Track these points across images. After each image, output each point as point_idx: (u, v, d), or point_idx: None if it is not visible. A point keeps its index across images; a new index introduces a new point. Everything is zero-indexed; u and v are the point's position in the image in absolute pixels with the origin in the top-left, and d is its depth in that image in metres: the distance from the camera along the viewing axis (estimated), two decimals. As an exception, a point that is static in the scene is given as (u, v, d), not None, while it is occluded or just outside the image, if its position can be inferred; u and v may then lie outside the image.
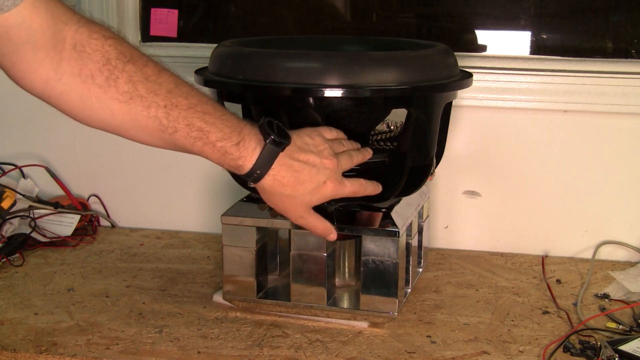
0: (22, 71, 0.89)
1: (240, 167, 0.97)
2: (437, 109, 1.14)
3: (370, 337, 1.11)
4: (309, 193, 1.01)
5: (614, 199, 1.45)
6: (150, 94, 0.92)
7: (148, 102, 0.92)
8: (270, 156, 0.97)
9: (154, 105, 0.92)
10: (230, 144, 0.95)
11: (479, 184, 1.49)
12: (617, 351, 1.02)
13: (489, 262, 1.42)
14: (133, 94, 0.91)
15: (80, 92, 0.90)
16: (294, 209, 1.02)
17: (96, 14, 1.55)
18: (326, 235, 1.07)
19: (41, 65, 0.88)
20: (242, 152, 0.96)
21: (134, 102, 0.91)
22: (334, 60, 1.06)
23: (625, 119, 1.42)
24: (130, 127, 0.93)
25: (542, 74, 1.43)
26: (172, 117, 0.93)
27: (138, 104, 0.91)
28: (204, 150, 0.95)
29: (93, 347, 1.07)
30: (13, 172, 1.61)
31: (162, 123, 0.93)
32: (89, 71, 0.90)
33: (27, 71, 0.89)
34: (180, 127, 0.93)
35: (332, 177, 1.02)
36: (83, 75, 0.90)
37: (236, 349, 1.07)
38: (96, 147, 1.62)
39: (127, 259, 1.43)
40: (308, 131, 1.03)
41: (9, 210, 1.42)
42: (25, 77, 0.89)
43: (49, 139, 1.64)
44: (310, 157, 1.00)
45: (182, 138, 0.94)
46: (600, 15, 1.53)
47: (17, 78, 0.90)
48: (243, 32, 1.70)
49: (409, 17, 1.65)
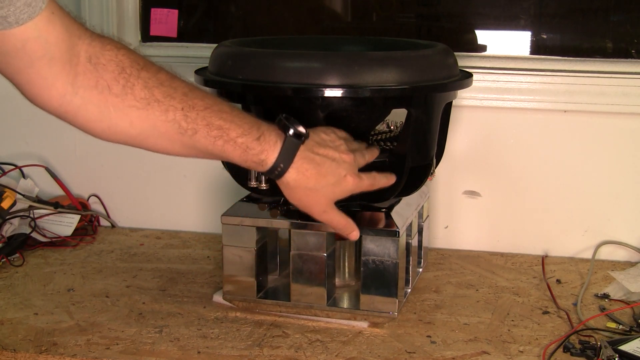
0: (38, 87, 0.89)
1: (263, 161, 0.97)
2: (437, 109, 1.14)
3: (370, 337, 1.11)
4: (331, 186, 1.01)
5: (614, 199, 1.45)
6: (166, 98, 0.92)
7: (165, 106, 0.92)
8: (292, 149, 0.98)
9: (172, 109, 0.92)
10: (251, 139, 0.96)
11: (479, 184, 1.49)
12: (617, 351, 1.02)
13: (489, 262, 1.42)
14: (150, 100, 0.91)
15: (97, 103, 0.91)
16: (318, 203, 1.02)
17: (96, 14, 1.55)
18: (348, 232, 1.07)
19: (58, 79, 0.89)
20: (263, 146, 0.96)
21: (151, 108, 0.92)
22: (334, 60, 1.06)
23: (625, 119, 1.42)
24: (150, 134, 0.93)
25: (542, 74, 1.43)
26: (191, 118, 0.93)
27: (156, 109, 0.92)
28: (225, 148, 0.95)
29: (93, 347, 1.07)
30: (13, 172, 1.61)
31: (182, 126, 0.93)
32: (105, 82, 0.90)
33: (43, 86, 0.89)
34: (200, 128, 0.93)
35: (350, 171, 1.03)
36: (99, 87, 0.90)
37: (236, 349, 1.07)
38: (96, 147, 1.61)
39: (127, 259, 1.43)
40: (322, 128, 1.04)
41: (9, 210, 1.42)
42: (41, 93, 0.89)
43: (49, 139, 1.64)
44: (329, 151, 1.01)
45: (202, 139, 0.94)
46: (600, 15, 1.53)
47: (33, 95, 0.90)
48: (243, 32, 1.70)
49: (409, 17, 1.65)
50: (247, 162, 0.97)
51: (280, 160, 0.97)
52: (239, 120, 0.95)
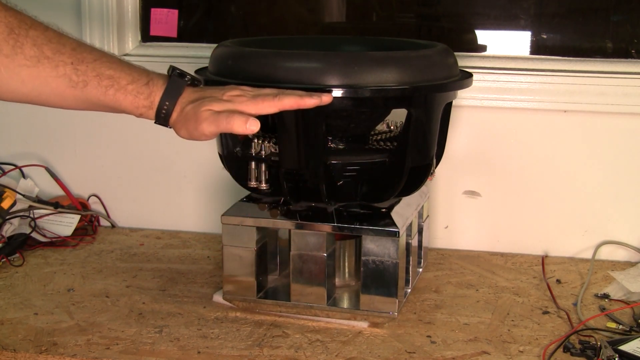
0: None
1: (152, 103, 0.99)
2: (437, 109, 1.14)
3: (370, 337, 1.11)
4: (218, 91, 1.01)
5: (614, 199, 1.45)
6: (56, 54, 0.94)
7: (55, 62, 0.94)
8: (176, 87, 1.00)
9: (61, 64, 0.95)
10: (140, 85, 0.98)
11: (479, 184, 1.49)
12: (617, 351, 1.02)
13: (489, 262, 1.42)
14: (40, 57, 0.93)
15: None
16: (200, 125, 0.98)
17: (96, 14, 1.55)
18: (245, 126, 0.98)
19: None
20: (151, 88, 0.99)
21: (41, 65, 0.94)
22: (334, 60, 1.06)
23: (625, 119, 1.42)
24: (42, 91, 0.95)
25: (542, 74, 1.43)
26: (81, 71, 0.95)
27: (46, 66, 0.94)
28: (117, 97, 0.97)
29: (93, 347, 1.07)
30: (13, 172, 1.61)
31: (72, 79, 0.95)
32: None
33: None
34: (90, 79, 0.96)
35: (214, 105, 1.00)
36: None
37: (236, 349, 1.07)
38: (96, 147, 1.62)
39: (127, 259, 1.43)
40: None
41: (9, 210, 1.42)
42: None
43: (49, 139, 1.64)
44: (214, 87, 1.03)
45: (93, 90, 0.96)
46: (600, 15, 1.53)
47: None
48: (243, 32, 1.70)
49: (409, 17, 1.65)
50: (138, 108, 0.99)
51: (166, 98, 0.99)
52: (128, 69, 0.98)
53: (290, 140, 1.08)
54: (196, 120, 0.97)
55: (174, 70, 1.01)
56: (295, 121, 1.07)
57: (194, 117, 0.98)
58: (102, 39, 1.56)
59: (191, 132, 0.99)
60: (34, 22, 0.95)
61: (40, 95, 0.96)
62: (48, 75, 0.94)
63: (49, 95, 0.96)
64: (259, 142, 1.15)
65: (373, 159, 1.14)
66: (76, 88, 0.96)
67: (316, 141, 1.08)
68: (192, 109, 0.98)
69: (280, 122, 1.08)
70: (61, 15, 1.57)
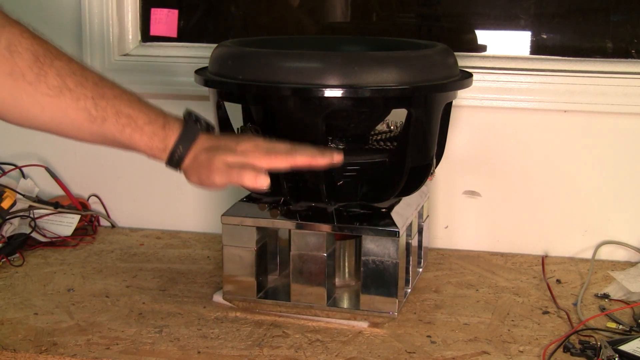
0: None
1: (167, 146, 0.99)
2: (437, 109, 1.14)
3: (370, 337, 1.11)
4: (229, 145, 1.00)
5: (614, 199, 1.45)
6: (78, 86, 0.95)
7: (77, 95, 0.94)
8: (191, 133, 1.00)
9: (83, 97, 0.95)
10: (157, 127, 0.99)
11: (479, 184, 1.49)
12: (617, 351, 1.02)
13: (489, 262, 1.42)
14: (62, 88, 0.94)
15: (11, 90, 0.92)
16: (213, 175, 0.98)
17: (96, 14, 1.55)
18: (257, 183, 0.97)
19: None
20: (167, 132, 0.99)
21: (63, 96, 0.94)
22: (334, 60, 1.06)
23: (625, 119, 1.42)
24: (61, 122, 0.96)
25: (542, 74, 1.43)
26: (101, 106, 0.96)
27: (67, 97, 0.94)
28: (133, 136, 0.98)
29: (93, 347, 1.07)
30: (13, 172, 1.61)
31: (91, 114, 0.95)
32: (20, 69, 0.92)
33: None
34: (109, 116, 0.96)
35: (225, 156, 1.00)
36: (15, 74, 0.91)
37: (236, 349, 1.07)
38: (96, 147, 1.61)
39: (127, 259, 1.43)
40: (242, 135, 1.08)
41: (9, 210, 1.42)
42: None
43: (49, 139, 1.61)
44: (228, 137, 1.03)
45: (111, 126, 0.96)
46: (600, 15, 1.53)
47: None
48: (243, 32, 1.70)
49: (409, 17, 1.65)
50: (152, 149, 0.99)
51: (179, 143, 0.99)
52: (145, 109, 0.99)
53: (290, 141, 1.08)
54: (209, 170, 0.98)
55: (190, 115, 1.02)
56: (295, 121, 1.07)
57: (207, 166, 0.98)
58: (102, 39, 1.56)
59: (203, 180, 1.00)
60: (59, 52, 0.95)
61: (59, 126, 0.96)
62: (68, 107, 0.94)
63: (67, 126, 0.96)
64: (259, 142, 1.15)
65: (373, 159, 1.14)
66: (94, 123, 0.96)
67: (316, 141, 1.08)
68: (206, 158, 0.99)
69: (280, 122, 1.08)
70: (61, 16, 1.57)
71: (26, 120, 0.96)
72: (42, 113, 0.94)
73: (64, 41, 1.57)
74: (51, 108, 0.94)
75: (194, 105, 1.56)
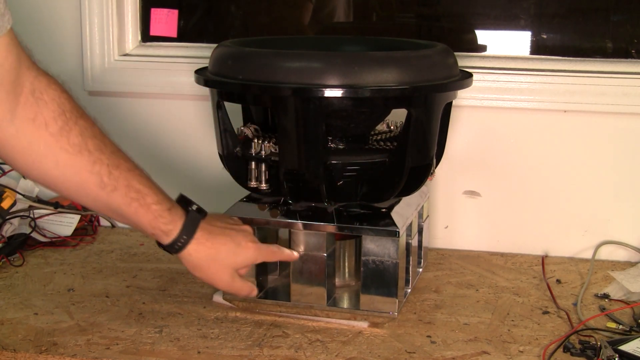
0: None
1: (171, 231, 1.02)
2: (437, 109, 1.14)
3: (370, 337, 1.11)
4: (232, 254, 1.07)
5: (614, 199, 1.44)
6: (97, 150, 0.94)
7: (94, 158, 0.94)
8: (195, 222, 1.04)
9: (99, 162, 0.94)
10: (164, 209, 1.01)
11: (479, 184, 1.49)
12: (617, 351, 1.02)
13: (489, 262, 1.42)
14: (82, 148, 0.93)
15: (30, 137, 0.90)
16: (221, 273, 1.08)
17: (96, 14, 1.55)
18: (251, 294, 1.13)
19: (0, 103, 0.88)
20: (173, 217, 1.02)
21: (81, 155, 0.93)
22: (334, 60, 1.06)
23: (625, 119, 1.42)
24: (71, 180, 0.94)
25: (542, 74, 1.43)
26: (114, 176, 0.96)
27: (85, 158, 0.93)
28: (139, 212, 0.99)
29: (93, 347, 1.07)
30: (13, 172, 1.60)
31: (103, 180, 0.95)
32: (44, 119, 0.90)
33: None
34: (120, 187, 0.96)
35: (249, 239, 1.10)
36: (37, 122, 0.90)
37: (236, 349, 1.07)
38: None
39: (127, 259, 1.43)
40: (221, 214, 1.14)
41: (9, 210, 1.42)
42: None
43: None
44: (227, 224, 1.10)
45: (119, 197, 0.97)
46: (600, 15, 1.53)
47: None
48: (243, 32, 1.70)
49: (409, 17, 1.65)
50: (154, 229, 1.01)
51: (184, 232, 1.03)
52: (155, 189, 1.01)
53: (290, 140, 1.08)
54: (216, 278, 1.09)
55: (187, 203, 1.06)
56: (295, 121, 1.07)
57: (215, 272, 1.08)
58: (102, 39, 1.56)
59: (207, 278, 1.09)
60: (83, 112, 0.95)
61: (65, 183, 0.95)
62: (83, 168, 0.93)
63: (74, 186, 0.95)
64: (259, 142, 1.15)
65: (373, 159, 1.14)
66: (103, 190, 0.95)
67: (316, 141, 1.08)
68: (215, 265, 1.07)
69: (280, 122, 1.08)
70: (61, 15, 1.57)
71: (35, 170, 0.93)
72: (54, 167, 0.93)
73: (64, 41, 1.58)
74: (66, 164, 0.93)
75: (194, 105, 1.57)
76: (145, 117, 1.59)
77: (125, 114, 1.58)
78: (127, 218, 1.00)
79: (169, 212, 1.02)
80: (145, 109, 1.59)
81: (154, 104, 1.58)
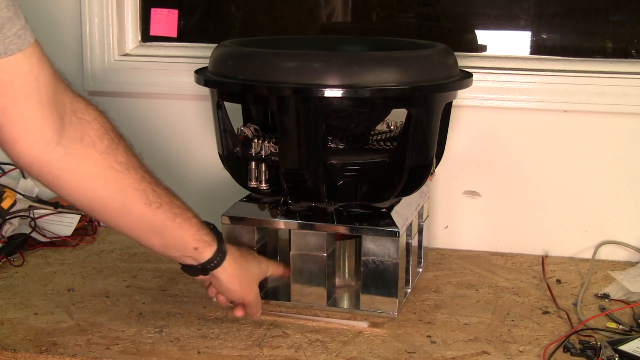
0: (21, 129, 0.83)
1: (211, 243, 1.03)
2: (437, 109, 1.14)
3: (370, 337, 1.11)
4: (256, 267, 1.12)
5: (614, 199, 1.45)
6: (140, 169, 0.95)
7: (140, 175, 0.94)
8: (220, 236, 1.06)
9: (145, 180, 0.94)
10: (200, 222, 1.03)
11: (479, 184, 1.49)
12: (617, 351, 1.02)
13: (489, 262, 1.42)
14: (129, 166, 0.93)
15: (80, 157, 0.88)
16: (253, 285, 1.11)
17: (96, 14, 1.55)
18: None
19: (46, 123, 0.84)
20: (208, 230, 1.04)
21: (129, 173, 0.93)
22: (334, 60, 1.06)
23: (625, 119, 1.42)
24: (117, 200, 0.93)
25: (542, 74, 1.43)
26: (157, 193, 0.96)
27: (133, 175, 0.93)
28: (183, 225, 0.99)
29: (93, 347, 1.07)
30: (13, 172, 1.61)
31: (149, 198, 0.95)
32: (90, 138, 0.89)
33: (27, 129, 0.83)
34: (164, 203, 0.97)
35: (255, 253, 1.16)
36: (85, 142, 0.89)
37: (236, 349, 1.07)
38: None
39: (127, 259, 1.43)
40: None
41: (9, 210, 1.42)
42: (23, 136, 0.83)
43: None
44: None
45: (163, 213, 0.97)
46: (600, 15, 1.53)
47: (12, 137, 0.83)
48: (243, 32, 1.70)
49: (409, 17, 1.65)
50: (198, 241, 1.02)
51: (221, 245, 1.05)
52: (188, 205, 1.02)
53: (290, 140, 1.08)
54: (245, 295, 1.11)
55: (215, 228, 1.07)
56: (295, 121, 1.07)
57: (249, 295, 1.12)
58: (102, 39, 1.56)
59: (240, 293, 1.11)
60: (122, 133, 0.94)
61: (110, 204, 0.93)
62: (130, 185, 0.93)
63: (120, 206, 0.93)
64: (259, 142, 1.15)
65: (373, 159, 1.14)
66: (150, 207, 0.95)
67: (316, 141, 1.08)
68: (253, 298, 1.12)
69: (280, 122, 1.08)
70: (61, 16, 1.57)
71: (81, 192, 0.91)
72: (102, 187, 0.91)
73: (64, 41, 1.58)
74: (113, 182, 0.91)
75: (194, 105, 1.57)
76: (145, 117, 1.59)
77: (125, 114, 1.57)
78: (169, 235, 0.99)
79: (206, 225, 1.03)
80: (145, 109, 1.59)
81: (154, 104, 1.58)
